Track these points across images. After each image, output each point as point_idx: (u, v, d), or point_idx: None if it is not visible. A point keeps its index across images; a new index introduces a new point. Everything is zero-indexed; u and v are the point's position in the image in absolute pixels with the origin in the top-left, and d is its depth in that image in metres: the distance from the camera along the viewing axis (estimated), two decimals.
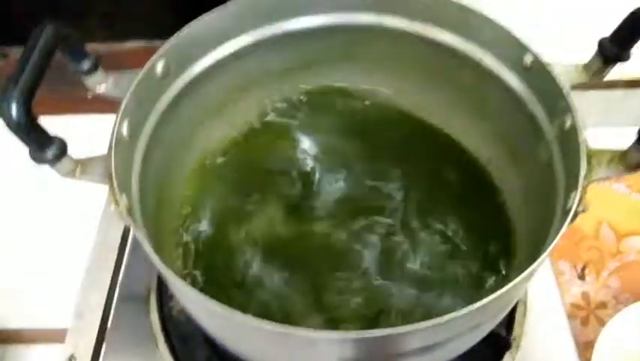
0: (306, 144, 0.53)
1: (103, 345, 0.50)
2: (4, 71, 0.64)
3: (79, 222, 0.69)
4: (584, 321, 0.56)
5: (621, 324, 0.53)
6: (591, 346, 0.52)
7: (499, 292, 0.30)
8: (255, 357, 0.37)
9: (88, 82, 0.39)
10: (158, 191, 0.43)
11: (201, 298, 0.30)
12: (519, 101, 0.42)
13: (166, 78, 0.41)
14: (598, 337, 0.52)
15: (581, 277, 0.59)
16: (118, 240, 0.56)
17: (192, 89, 0.44)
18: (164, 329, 0.48)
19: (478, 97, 0.47)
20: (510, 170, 0.47)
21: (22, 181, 0.76)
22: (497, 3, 0.45)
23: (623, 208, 0.63)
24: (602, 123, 0.63)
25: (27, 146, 0.31)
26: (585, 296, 0.58)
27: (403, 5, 0.45)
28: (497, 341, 0.46)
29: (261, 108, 0.52)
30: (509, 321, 0.48)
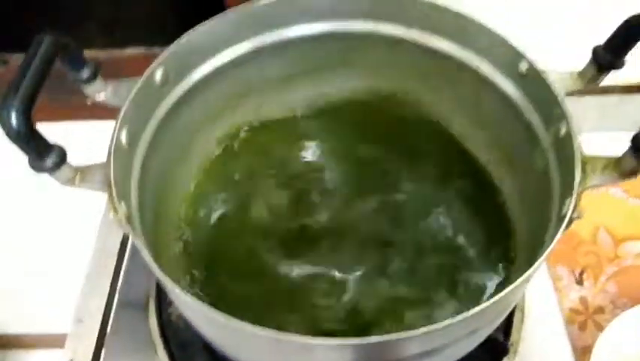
0: (306, 146, 0.53)
1: (102, 351, 0.50)
2: (4, 78, 0.64)
3: (79, 228, 0.69)
4: (582, 326, 0.56)
5: (619, 329, 0.53)
6: (589, 351, 0.52)
7: (495, 297, 0.30)
8: None
9: (87, 90, 0.39)
10: (157, 198, 0.43)
11: (199, 305, 0.30)
12: (515, 108, 0.43)
13: (165, 86, 0.42)
14: (596, 342, 0.52)
15: (579, 282, 0.59)
16: (117, 246, 0.56)
17: (191, 97, 0.44)
18: (163, 335, 0.48)
19: (475, 104, 0.47)
20: (507, 175, 0.48)
21: (21, 187, 0.76)
22: (493, 11, 0.45)
23: (621, 213, 0.63)
24: (598, 128, 0.63)
25: (26, 155, 0.31)
26: (583, 301, 0.58)
27: (400, 13, 0.45)
28: (495, 347, 0.46)
29: (260, 114, 0.52)
30: (507, 326, 0.48)
